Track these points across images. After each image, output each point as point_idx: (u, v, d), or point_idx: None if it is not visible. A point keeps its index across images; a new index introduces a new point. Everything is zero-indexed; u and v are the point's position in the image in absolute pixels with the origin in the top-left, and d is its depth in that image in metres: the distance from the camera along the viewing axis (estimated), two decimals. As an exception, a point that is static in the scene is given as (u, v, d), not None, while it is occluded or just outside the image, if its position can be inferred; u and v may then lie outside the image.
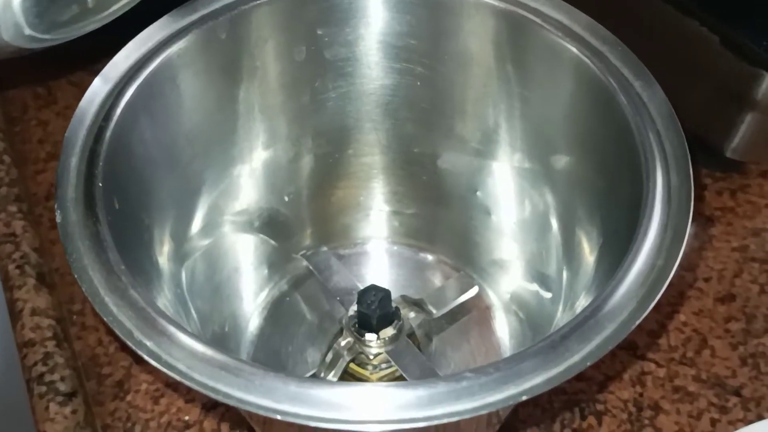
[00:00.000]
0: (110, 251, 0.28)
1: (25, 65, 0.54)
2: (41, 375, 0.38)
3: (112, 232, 0.29)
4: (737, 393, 0.39)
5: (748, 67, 0.41)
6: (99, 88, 0.33)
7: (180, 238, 0.36)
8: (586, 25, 0.35)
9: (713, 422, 0.38)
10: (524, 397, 0.25)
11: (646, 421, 0.38)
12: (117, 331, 0.26)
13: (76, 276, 0.27)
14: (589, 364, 0.25)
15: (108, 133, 0.31)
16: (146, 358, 0.26)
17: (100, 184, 0.30)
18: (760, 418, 0.38)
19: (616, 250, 0.29)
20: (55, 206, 0.29)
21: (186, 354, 0.25)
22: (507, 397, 0.25)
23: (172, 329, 0.26)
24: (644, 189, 0.30)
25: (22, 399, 0.38)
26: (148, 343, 0.26)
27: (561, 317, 0.35)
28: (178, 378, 0.25)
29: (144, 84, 0.33)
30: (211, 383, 0.25)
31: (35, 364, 0.38)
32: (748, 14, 0.41)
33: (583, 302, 0.33)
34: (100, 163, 0.30)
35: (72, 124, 0.32)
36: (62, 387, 0.37)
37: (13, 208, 0.44)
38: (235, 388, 0.25)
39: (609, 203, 0.33)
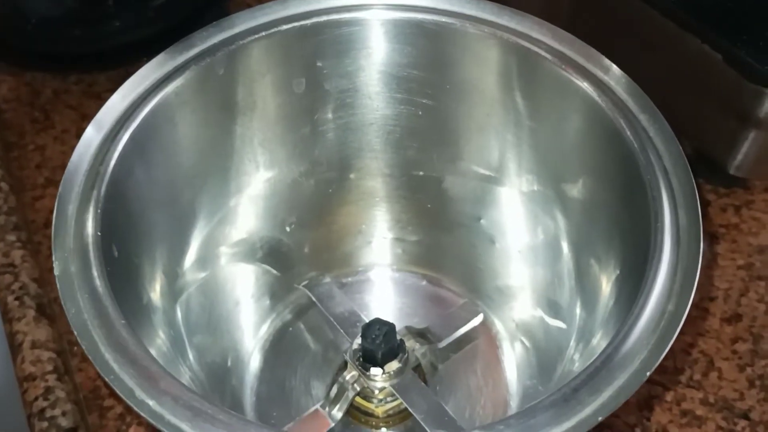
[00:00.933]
0: (110, 306, 0.27)
1: (22, 89, 0.53)
2: (42, 410, 0.37)
3: (109, 280, 0.28)
4: (746, 416, 0.38)
5: (751, 85, 0.40)
6: (94, 132, 0.32)
7: (173, 273, 0.35)
8: (590, 57, 0.34)
9: (722, 446, 0.37)
10: None
11: (655, 446, 0.37)
12: (118, 391, 0.26)
13: (75, 333, 0.27)
14: (601, 419, 0.25)
15: (105, 180, 0.31)
16: (148, 418, 0.25)
17: (99, 233, 0.29)
18: (769, 441, 0.37)
19: (633, 285, 0.29)
20: (53, 258, 0.29)
21: (190, 413, 0.25)
22: None
23: (175, 387, 0.25)
24: (652, 229, 0.29)
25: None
26: (150, 403, 0.25)
27: (574, 351, 0.35)
28: None
29: (140, 126, 0.32)
30: None
31: (36, 399, 0.38)
32: (751, 32, 0.41)
33: (599, 337, 0.32)
34: (98, 211, 0.30)
35: (68, 171, 0.31)
36: (64, 422, 0.37)
37: (11, 237, 0.44)
38: None
39: (623, 235, 0.33)
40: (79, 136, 0.52)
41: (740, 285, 0.43)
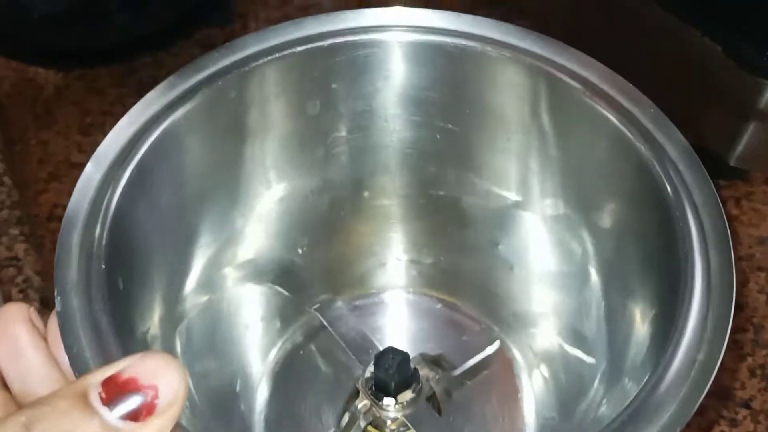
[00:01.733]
0: (114, 344, 0.26)
1: (24, 84, 0.54)
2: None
3: (112, 314, 0.27)
4: (747, 405, 0.39)
5: (751, 77, 0.41)
6: (97, 163, 0.31)
7: (173, 299, 0.34)
8: (616, 84, 0.33)
9: (723, 435, 0.38)
10: None
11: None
12: None
13: (75, 374, 0.26)
14: None
15: (110, 212, 0.29)
16: None
17: (103, 266, 0.28)
18: (770, 430, 0.37)
19: (669, 327, 0.27)
20: (55, 292, 0.27)
21: None
22: None
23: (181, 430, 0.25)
24: (682, 272, 0.28)
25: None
26: None
27: (601, 389, 0.33)
28: None
29: (147, 154, 0.31)
30: None
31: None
32: (751, 24, 0.41)
33: (628, 381, 0.31)
34: (103, 243, 0.29)
35: (73, 200, 0.30)
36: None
37: (15, 231, 0.44)
38: None
39: (659, 269, 0.31)
40: (81, 132, 0.53)
41: (741, 276, 0.43)
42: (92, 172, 0.30)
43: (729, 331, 0.27)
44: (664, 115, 0.32)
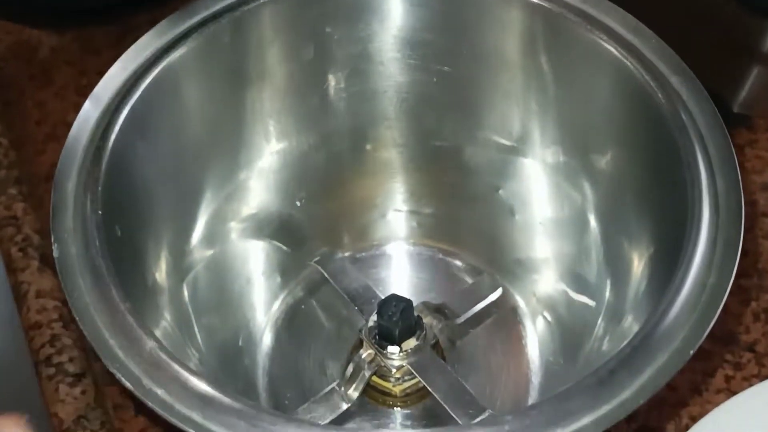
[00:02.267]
0: (113, 289, 0.26)
1: (19, 46, 0.53)
2: (49, 357, 0.38)
3: (112, 261, 0.27)
4: (751, 349, 0.38)
5: (755, 18, 0.40)
6: (93, 106, 0.31)
7: (179, 251, 0.34)
8: (617, 17, 0.32)
9: (727, 379, 0.38)
10: None
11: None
12: (124, 381, 0.25)
13: (77, 318, 0.26)
14: (642, 401, 0.24)
15: (106, 155, 0.29)
16: (156, 409, 0.24)
17: (100, 212, 0.28)
18: (774, 373, 0.37)
19: (669, 262, 0.27)
20: (52, 239, 0.28)
21: (200, 402, 0.24)
22: None
23: (184, 374, 0.25)
24: (689, 197, 0.27)
25: (31, 382, 0.38)
26: (159, 392, 0.24)
27: (602, 330, 0.34)
28: (189, 430, 0.24)
29: (142, 99, 0.31)
30: None
31: (42, 346, 0.38)
32: (754, -37, 0.40)
33: (630, 319, 0.31)
34: (99, 188, 0.29)
35: (66, 147, 0.30)
36: (71, 368, 0.37)
37: (13, 191, 0.44)
38: None
39: (658, 209, 0.31)
40: (78, 92, 0.52)
41: (745, 222, 0.42)
42: (90, 111, 0.30)
43: (739, 254, 0.26)
44: (666, 45, 0.32)
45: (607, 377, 0.24)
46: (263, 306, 0.40)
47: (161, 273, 0.33)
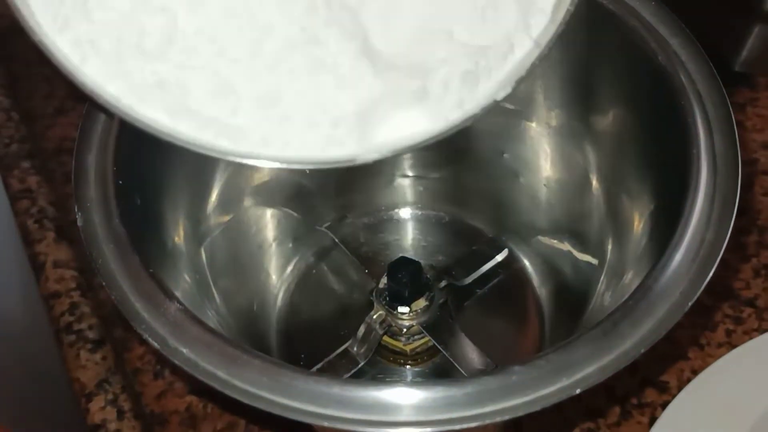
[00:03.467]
0: (136, 254, 0.27)
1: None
2: (69, 324, 0.39)
3: (133, 229, 0.28)
4: (751, 304, 0.39)
5: (755, -24, 0.40)
6: None
7: (196, 218, 0.35)
8: None
9: (728, 333, 0.39)
10: (578, 390, 0.24)
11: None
12: (151, 341, 0.26)
13: (104, 283, 0.27)
14: (643, 350, 0.25)
15: (124, 126, 0.30)
16: (183, 366, 0.25)
17: (120, 182, 0.29)
18: (774, 326, 0.38)
19: (669, 219, 0.28)
20: (75, 208, 0.28)
21: (224, 359, 0.25)
22: (560, 389, 0.24)
23: (207, 334, 0.26)
24: (688, 157, 0.28)
25: (52, 349, 0.39)
26: (184, 350, 0.25)
27: (604, 287, 0.34)
28: (218, 387, 0.25)
29: None
30: (252, 390, 0.24)
31: (62, 314, 0.39)
32: None
33: (631, 274, 0.32)
34: (119, 159, 0.29)
35: (84, 118, 0.30)
36: (91, 335, 0.38)
37: (26, 164, 0.45)
38: (278, 394, 0.24)
39: (658, 168, 0.32)
40: (84, 65, 0.52)
41: (745, 180, 0.43)
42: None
43: (735, 211, 0.27)
44: (665, 7, 0.32)
45: (610, 328, 0.25)
46: (277, 271, 0.41)
47: (180, 239, 0.34)
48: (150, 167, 0.32)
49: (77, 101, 0.50)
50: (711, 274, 0.26)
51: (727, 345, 0.38)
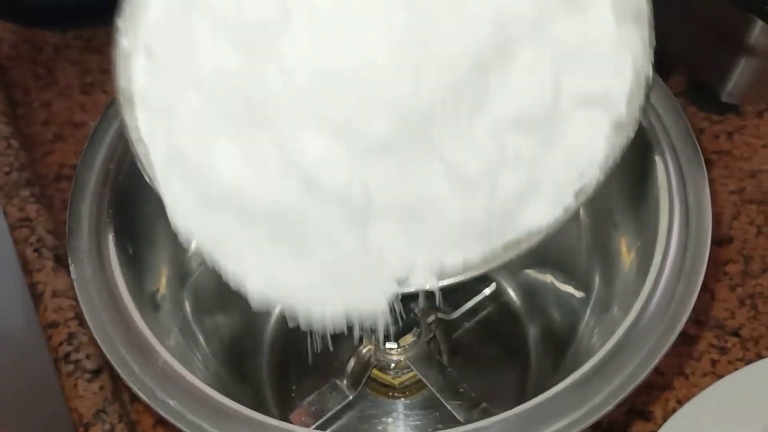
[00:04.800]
0: (128, 304, 0.28)
1: (22, 46, 0.54)
2: (67, 354, 0.39)
3: (125, 279, 0.29)
4: (736, 334, 0.40)
5: (740, 11, 0.41)
6: (106, 126, 0.32)
7: (178, 261, 0.35)
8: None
9: (713, 363, 0.39)
10: None
11: (649, 365, 0.39)
12: (140, 394, 0.27)
13: (96, 336, 0.28)
14: (614, 404, 0.26)
15: (120, 177, 0.31)
16: (169, 418, 0.26)
17: (112, 234, 0.30)
18: (759, 357, 0.39)
19: (653, 256, 0.29)
20: (69, 259, 0.29)
21: (209, 412, 0.26)
22: None
23: (194, 386, 0.27)
24: (661, 212, 0.30)
25: (50, 378, 0.39)
26: (171, 402, 0.26)
27: (592, 321, 0.35)
28: None
29: None
30: None
31: (60, 344, 0.40)
32: (740, -41, 0.41)
33: (617, 308, 0.33)
34: (111, 210, 0.31)
35: (80, 168, 0.31)
36: (88, 365, 0.39)
37: (25, 193, 0.45)
38: None
39: (639, 210, 0.33)
40: (82, 91, 0.53)
41: (732, 209, 0.44)
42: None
43: (705, 267, 0.28)
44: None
45: (583, 382, 0.26)
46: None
47: (162, 282, 0.35)
48: (139, 216, 0.32)
49: (75, 127, 0.51)
50: (677, 332, 0.27)
51: (712, 375, 0.39)
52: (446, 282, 0.27)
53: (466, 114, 0.25)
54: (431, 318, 0.37)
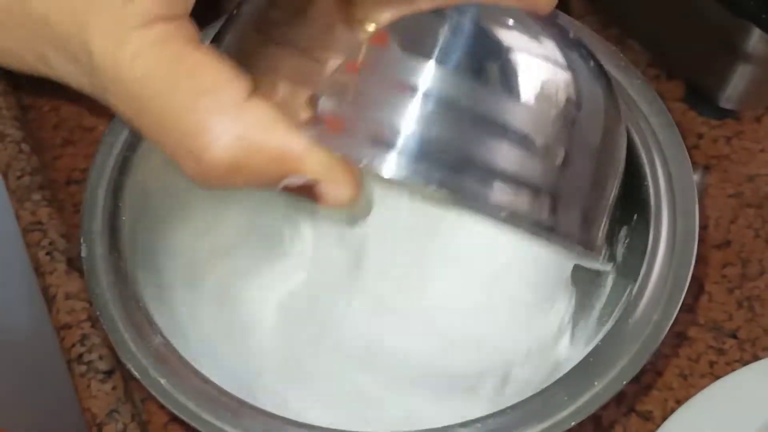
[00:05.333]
0: (132, 286, 0.30)
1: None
2: (80, 355, 0.40)
3: (132, 262, 0.30)
4: (734, 336, 0.41)
5: (738, 19, 0.41)
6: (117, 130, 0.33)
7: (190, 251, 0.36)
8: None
9: (711, 364, 0.40)
10: None
11: (648, 366, 0.40)
12: (133, 370, 0.28)
13: (98, 312, 0.29)
14: (573, 423, 0.26)
15: (132, 164, 0.32)
16: (157, 397, 0.27)
17: (124, 218, 0.31)
18: (756, 358, 0.40)
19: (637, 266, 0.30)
20: (81, 240, 0.31)
21: (195, 392, 0.27)
22: None
23: (187, 369, 0.28)
24: (650, 234, 0.30)
25: (64, 379, 0.40)
26: (162, 381, 0.28)
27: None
28: (185, 418, 0.27)
29: None
30: (218, 424, 0.27)
31: (73, 345, 0.41)
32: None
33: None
34: (125, 196, 0.32)
35: (98, 156, 0.32)
36: (101, 365, 0.40)
37: (37, 197, 0.46)
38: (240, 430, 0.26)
39: (628, 213, 0.33)
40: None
41: (730, 213, 0.45)
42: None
43: (683, 297, 0.29)
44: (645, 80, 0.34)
45: (549, 398, 0.27)
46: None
47: (172, 273, 0.35)
48: (152, 204, 0.33)
49: (85, 131, 0.51)
50: (648, 356, 0.28)
51: (710, 376, 0.40)
52: None
53: None
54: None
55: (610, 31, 0.47)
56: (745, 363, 0.39)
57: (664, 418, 0.37)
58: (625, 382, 0.27)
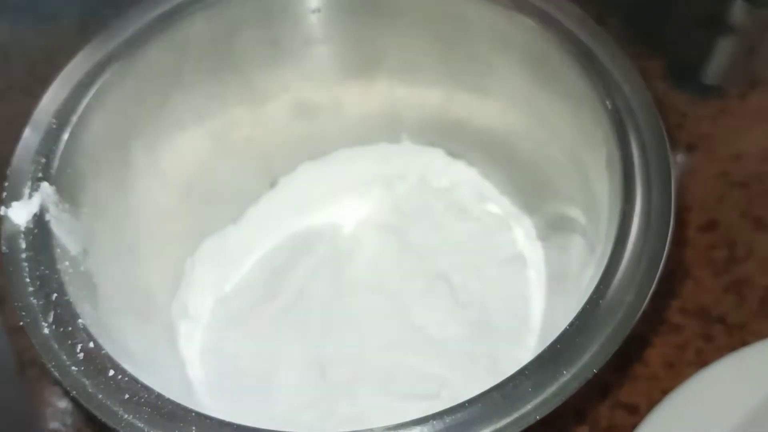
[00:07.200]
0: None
1: None
2: (33, 359, 0.38)
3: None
4: (721, 321, 0.39)
5: (719, -10, 0.40)
6: (32, 135, 0.31)
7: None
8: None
9: (698, 352, 0.38)
10: None
11: (634, 355, 0.38)
12: (54, 372, 0.26)
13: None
14: (538, 417, 0.24)
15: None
16: (78, 399, 0.26)
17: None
18: (744, 343, 0.38)
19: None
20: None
21: (120, 395, 0.26)
22: None
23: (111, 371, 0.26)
24: (626, 212, 0.28)
25: (16, 383, 0.38)
26: (87, 382, 0.26)
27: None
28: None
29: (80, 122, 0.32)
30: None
31: (26, 348, 0.39)
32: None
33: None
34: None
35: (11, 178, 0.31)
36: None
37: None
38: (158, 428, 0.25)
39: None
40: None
41: (715, 193, 0.43)
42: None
43: (658, 278, 0.27)
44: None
45: (513, 389, 0.24)
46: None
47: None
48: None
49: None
50: (620, 342, 0.26)
51: (698, 364, 0.38)
52: None
53: None
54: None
55: (590, 9, 0.45)
56: (734, 349, 0.37)
57: (650, 409, 0.35)
58: (595, 370, 0.24)
